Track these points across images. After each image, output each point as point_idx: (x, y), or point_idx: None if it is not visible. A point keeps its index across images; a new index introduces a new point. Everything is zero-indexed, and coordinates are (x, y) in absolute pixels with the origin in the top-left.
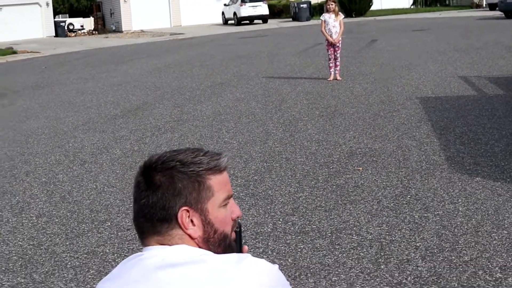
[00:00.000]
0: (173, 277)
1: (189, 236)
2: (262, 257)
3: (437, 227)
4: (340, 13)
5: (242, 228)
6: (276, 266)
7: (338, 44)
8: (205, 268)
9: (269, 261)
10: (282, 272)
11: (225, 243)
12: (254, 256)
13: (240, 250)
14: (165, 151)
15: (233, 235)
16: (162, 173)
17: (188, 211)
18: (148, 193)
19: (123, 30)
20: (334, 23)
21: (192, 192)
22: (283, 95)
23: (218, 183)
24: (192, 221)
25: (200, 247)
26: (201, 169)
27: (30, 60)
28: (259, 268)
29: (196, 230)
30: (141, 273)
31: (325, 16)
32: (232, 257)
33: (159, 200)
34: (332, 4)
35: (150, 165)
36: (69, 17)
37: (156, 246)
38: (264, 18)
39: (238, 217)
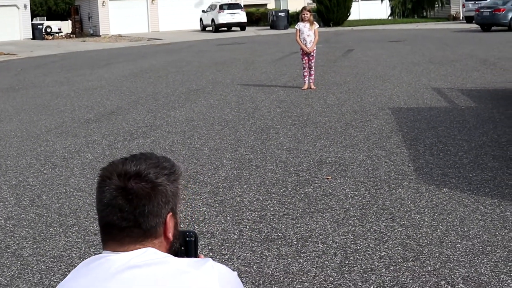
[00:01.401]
0: (138, 276)
1: (167, 240)
2: (227, 264)
3: (402, 237)
4: (315, 22)
5: (198, 236)
6: (235, 273)
7: (312, 53)
8: (169, 269)
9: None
10: (243, 280)
11: (175, 246)
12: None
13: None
14: (131, 157)
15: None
16: (154, 182)
17: (172, 216)
18: (145, 202)
19: (100, 34)
20: (308, 32)
21: (174, 198)
22: (257, 102)
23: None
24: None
25: (167, 252)
26: (178, 175)
27: (6, 62)
28: (220, 270)
29: (172, 234)
30: (108, 272)
31: (300, 25)
32: (194, 260)
33: (154, 207)
34: (307, 14)
35: (139, 174)
36: (47, 20)
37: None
38: (242, 26)
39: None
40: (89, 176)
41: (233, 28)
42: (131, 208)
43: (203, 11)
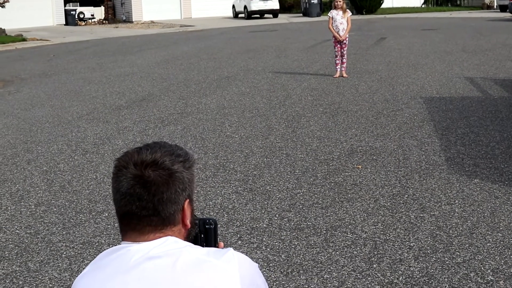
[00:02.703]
0: (159, 267)
1: (185, 226)
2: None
3: (432, 227)
4: (347, 10)
5: (217, 224)
6: (256, 264)
7: (345, 41)
8: (190, 258)
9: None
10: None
11: (192, 233)
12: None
13: (215, 246)
14: (146, 145)
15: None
16: (171, 169)
17: (189, 202)
18: (163, 189)
19: (133, 20)
20: (341, 20)
21: (190, 184)
22: (288, 90)
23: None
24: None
25: (184, 239)
26: (192, 162)
27: (39, 48)
28: (241, 261)
29: (189, 220)
30: (128, 264)
31: (333, 13)
32: (215, 249)
33: (172, 194)
34: (340, 1)
35: (155, 162)
36: (80, 5)
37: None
38: (274, 13)
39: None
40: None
41: (266, 15)
42: (149, 196)
43: None
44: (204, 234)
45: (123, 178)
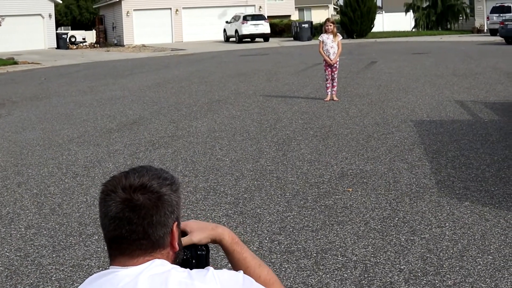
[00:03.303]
0: (145, 285)
1: (173, 249)
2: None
3: (422, 250)
4: (338, 34)
5: (209, 250)
6: (241, 272)
7: (335, 65)
8: (173, 282)
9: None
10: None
11: (180, 256)
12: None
13: None
14: (132, 169)
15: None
16: (159, 192)
17: (177, 225)
18: (153, 213)
19: (124, 44)
20: (332, 43)
21: (178, 207)
22: (279, 114)
23: None
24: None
25: (172, 263)
26: (178, 185)
27: (30, 71)
28: (221, 278)
29: (177, 243)
30: (120, 285)
31: (323, 36)
32: (196, 270)
33: (161, 217)
34: (330, 25)
35: (144, 186)
36: (72, 29)
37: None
38: (265, 37)
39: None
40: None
41: (257, 39)
42: (139, 219)
43: (226, 22)
44: (196, 260)
45: (111, 203)
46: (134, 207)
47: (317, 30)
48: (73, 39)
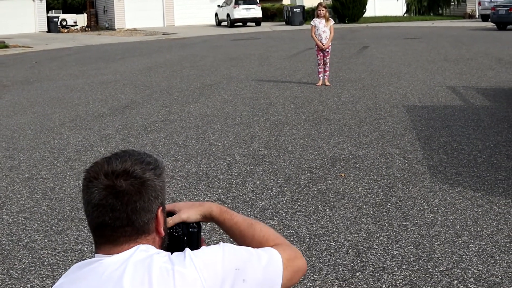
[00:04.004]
0: (126, 277)
1: (159, 234)
2: None
3: (415, 236)
4: (330, 18)
5: (201, 227)
6: (220, 244)
7: (327, 50)
8: (153, 268)
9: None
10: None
11: (165, 241)
12: None
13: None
14: (120, 153)
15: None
16: (142, 177)
17: (162, 210)
18: (136, 199)
19: (116, 28)
20: (324, 28)
21: (162, 192)
22: (271, 98)
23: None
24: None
25: (158, 247)
26: (162, 169)
27: (21, 54)
28: (198, 260)
29: (163, 228)
30: (101, 279)
31: (316, 21)
32: (175, 254)
33: (145, 203)
34: (322, 10)
35: (126, 171)
36: (63, 13)
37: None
38: (257, 21)
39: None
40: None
41: (248, 24)
42: (123, 206)
43: (218, 6)
44: (187, 237)
45: (94, 190)
46: (117, 193)
47: (309, 14)
48: (64, 23)
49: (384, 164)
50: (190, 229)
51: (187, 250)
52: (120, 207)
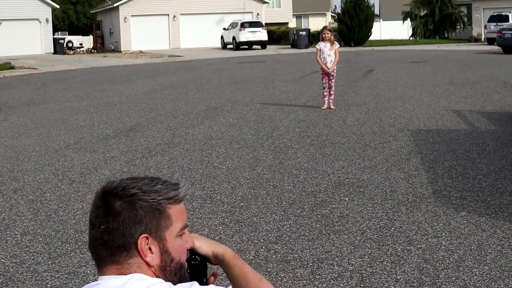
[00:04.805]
0: None
1: (147, 264)
2: None
3: (418, 260)
4: (335, 42)
5: (205, 260)
6: None
7: (332, 73)
8: None
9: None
10: None
11: (180, 272)
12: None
13: (203, 283)
14: (123, 178)
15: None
16: (123, 199)
17: (147, 238)
18: (109, 219)
19: (122, 50)
20: (329, 52)
21: (152, 220)
22: (276, 122)
23: (177, 213)
24: (150, 248)
25: (156, 276)
26: (161, 198)
27: (27, 76)
28: None
29: (154, 258)
30: None
31: (321, 44)
32: (183, 285)
33: (119, 226)
34: (327, 33)
35: (110, 191)
36: (69, 34)
37: (112, 276)
38: (263, 44)
39: (191, 247)
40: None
41: (254, 46)
42: (98, 224)
43: (224, 29)
44: (190, 270)
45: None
46: (97, 212)
47: (314, 37)
48: (70, 44)
49: (389, 188)
50: (192, 262)
51: (195, 284)
52: (97, 225)
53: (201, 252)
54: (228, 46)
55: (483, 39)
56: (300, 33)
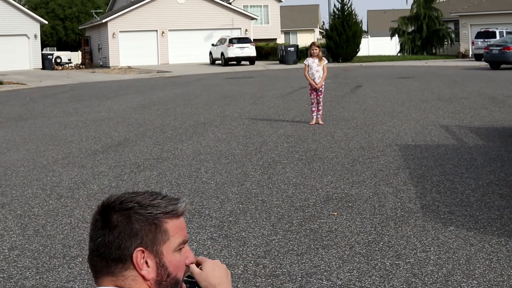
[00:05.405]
0: None
1: (143, 277)
2: None
3: (407, 275)
4: (323, 58)
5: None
6: None
7: (321, 89)
8: None
9: None
10: None
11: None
12: None
13: None
14: (124, 192)
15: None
16: (119, 213)
17: (143, 252)
18: (105, 232)
19: (110, 65)
20: (317, 67)
21: (148, 233)
22: (264, 137)
23: (175, 228)
24: (146, 262)
25: None
26: (158, 212)
27: (15, 91)
28: None
29: (149, 272)
30: None
31: (309, 60)
32: None
33: (115, 239)
34: (316, 49)
35: (108, 205)
36: (57, 50)
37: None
38: (251, 60)
39: (191, 263)
40: (95, 207)
41: (243, 62)
42: (95, 237)
43: (212, 45)
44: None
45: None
46: (95, 225)
47: (302, 53)
48: (58, 60)
49: (377, 203)
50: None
51: None
52: (94, 238)
53: (194, 277)
54: (217, 62)
55: (470, 55)
56: (289, 49)
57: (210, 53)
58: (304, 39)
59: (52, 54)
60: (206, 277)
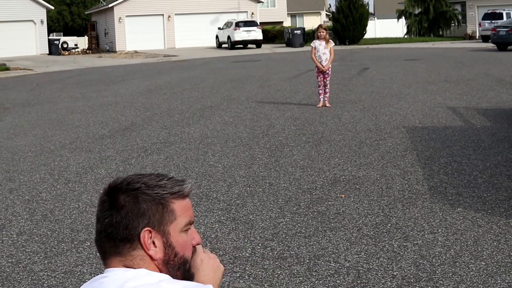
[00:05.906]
0: None
1: (150, 257)
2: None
3: (415, 256)
4: (330, 40)
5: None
6: None
7: (328, 71)
8: None
9: None
10: None
11: (184, 267)
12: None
13: None
14: (131, 174)
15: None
16: (127, 193)
17: (150, 232)
18: (112, 212)
19: (117, 50)
20: (324, 50)
21: (155, 213)
22: (271, 120)
23: (181, 208)
24: (153, 242)
25: (160, 269)
26: (165, 192)
27: (22, 77)
28: None
29: (157, 252)
30: None
31: (316, 43)
32: (192, 284)
33: (122, 219)
34: (323, 32)
35: (115, 186)
36: (64, 35)
37: (117, 268)
38: (258, 43)
39: (198, 243)
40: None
41: (249, 46)
42: (103, 218)
43: (219, 28)
44: None
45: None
46: (102, 205)
47: (309, 36)
48: (65, 45)
49: (385, 185)
50: None
51: (210, 286)
52: (102, 219)
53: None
54: (223, 46)
55: (477, 37)
56: (295, 32)
57: (217, 36)
58: (310, 22)
59: (58, 40)
60: (195, 263)
